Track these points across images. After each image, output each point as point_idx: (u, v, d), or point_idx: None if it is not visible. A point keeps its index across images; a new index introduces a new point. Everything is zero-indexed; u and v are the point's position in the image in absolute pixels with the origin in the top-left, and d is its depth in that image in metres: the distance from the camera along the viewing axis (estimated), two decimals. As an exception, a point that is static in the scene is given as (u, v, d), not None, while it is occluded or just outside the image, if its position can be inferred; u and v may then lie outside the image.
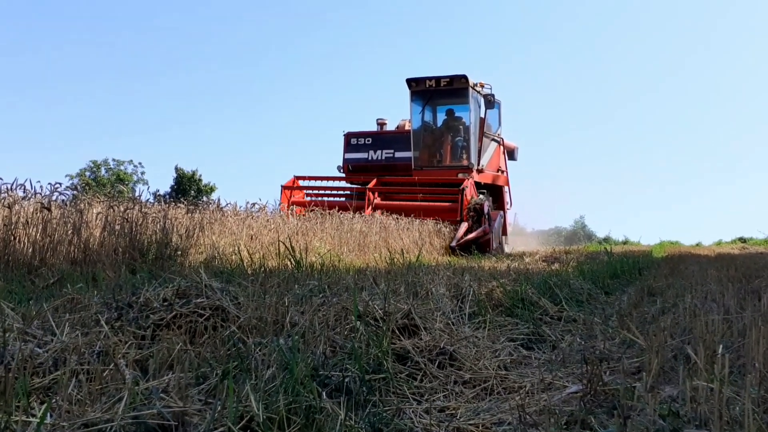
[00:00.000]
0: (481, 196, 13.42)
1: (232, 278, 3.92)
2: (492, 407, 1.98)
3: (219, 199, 8.21)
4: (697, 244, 30.05)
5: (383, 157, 15.47)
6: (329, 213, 9.74)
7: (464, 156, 14.53)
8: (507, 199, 16.80)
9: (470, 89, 14.19)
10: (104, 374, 1.87)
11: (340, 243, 8.83)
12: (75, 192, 5.92)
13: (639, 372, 2.29)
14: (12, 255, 4.91)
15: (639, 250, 15.79)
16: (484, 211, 12.61)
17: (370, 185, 13.48)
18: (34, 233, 5.19)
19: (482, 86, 14.52)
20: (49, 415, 1.56)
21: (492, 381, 2.18)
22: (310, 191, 14.77)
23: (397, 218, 11.00)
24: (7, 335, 2.07)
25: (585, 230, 45.78)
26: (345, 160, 15.89)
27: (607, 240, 35.99)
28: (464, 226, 12.14)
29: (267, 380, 1.90)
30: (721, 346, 2.00)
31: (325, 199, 14.08)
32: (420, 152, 14.85)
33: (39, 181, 5.74)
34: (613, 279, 5.91)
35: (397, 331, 2.53)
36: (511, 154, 18.05)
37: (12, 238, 4.99)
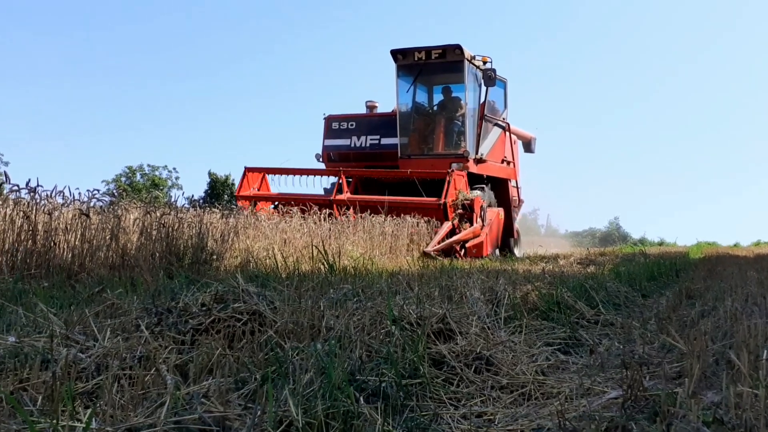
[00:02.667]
0: (476, 191, 11.30)
1: (267, 282, 3.96)
2: (530, 413, 1.96)
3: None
4: (735, 245, 29.52)
5: (367, 144, 13.36)
6: (309, 215, 8.66)
7: (460, 143, 12.30)
8: (515, 194, 14.49)
9: (466, 62, 11.97)
10: (146, 379, 1.90)
11: (372, 246, 8.84)
12: (113, 198, 6.02)
13: (680, 377, 2.26)
14: (52, 261, 5.01)
15: (675, 251, 15.56)
16: (476, 208, 10.62)
17: (335, 192, 11.23)
18: (73, 239, 5.29)
19: (485, 62, 12.29)
20: (93, 419, 1.59)
21: (529, 386, 2.17)
22: (278, 197, 12.16)
23: (363, 217, 9.30)
24: (51, 340, 2.12)
25: (620, 231, 45.25)
26: (324, 148, 13.84)
27: (642, 241, 35.53)
28: (447, 226, 10.08)
29: (305, 385, 1.92)
30: (765, 351, 1.96)
31: (300, 194, 11.79)
32: (409, 138, 12.73)
33: (78, 188, 5.86)
34: (650, 281, 5.83)
35: (432, 336, 2.53)
36: (527, 145, 16.36)
37: (52, 244, 5.09)
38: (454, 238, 10.02)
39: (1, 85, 64.75)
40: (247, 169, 12.01)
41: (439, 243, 9.62)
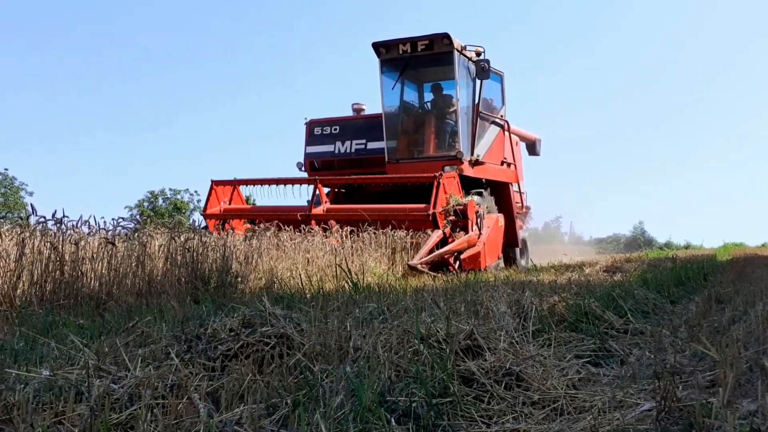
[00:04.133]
0: (473, 196, 10.17)
1: (292, 303, 3.97)
2: (563, 428, 1.95)
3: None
4: (763, 245, 29.07)
5: (353, 150, 12.30)
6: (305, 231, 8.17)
7: (453, 143, 11.11)
8: (517, 199, 13.21)
9: (456, 53, 10.81)
10: (178, 408, 1.91)
11: (395, 262, 8.82)
12: (137, 225, 6.09)
13: (713, 386, 2.23)
14: (80, 290, 5.07)
15: (702, 254, 15.34)
16: (470, 214, 9.31)
17: (311, 205, 10.11)
18: (100, 268, 5.36)
19: (479, 53, 11.08)
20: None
21: (561, 401, 2.15)
22: (248, 211, 11.28)
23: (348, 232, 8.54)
24: (83, 372, 2.14)
25: (645, 236, 44.80)
26: (306, 155, 12.76)
27: (668, 245, 35.17)
28: (435, 235, 8.79)
29: (336, 408, 1.92)
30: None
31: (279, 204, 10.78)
32: (398, 141, 11.60)
33: (102, 217, 5.94)
34: (678, 287, 5.76)
35: (460, 353, 2.52)
36: (531, 147, 15.34)
37: (80, 273, 5.16)
38: (445, 248, 8.78)
39: (20, 116, 65.92)
40: (214, 183, 10.89)
41: (426, 254, 8.40)
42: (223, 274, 6.12)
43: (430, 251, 8.51)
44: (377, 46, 11.27)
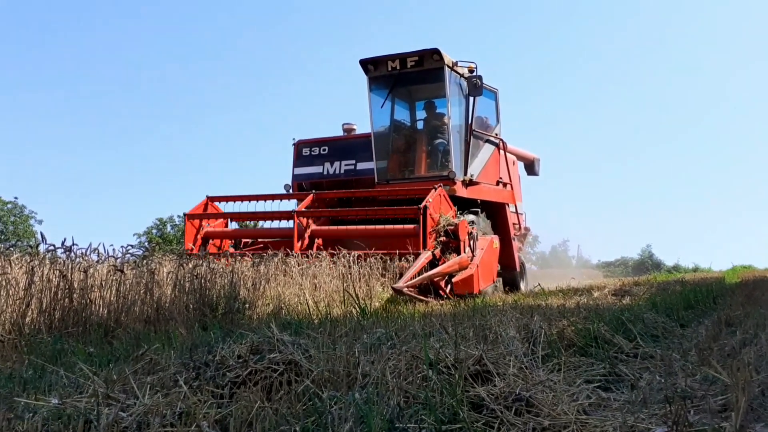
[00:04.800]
0: (468, 215, 9.89)
1: (300, 329, 3.97)
2: (574, 454, 1.93)
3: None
4: (772, 267, 28.85)
5: (342, 171, 12.03)
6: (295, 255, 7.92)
7: (445, 163, 10.73)
8: (515, 220, 12.77)
9: (447, 69, 10.44)
10: (187, 436, 1.91)
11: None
12: (146, 253, 6.11)
13: (725, 410, 2.21)
14: (89, 318, 5.08)
15: (711, 276, 15.26)
16: (461, 234, 8.87)
17: (300, 207, 9.93)
18: (108, 295, 5.37)
19: (471, 70, 10.70)
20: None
21: (572, 426, 2.14)
22: (239, 233, 10.97)
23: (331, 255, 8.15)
24: (93, 400, 2.14)
25: (653, 259, 44.59)
26: (294, 177, 12.50)
27: (676, 268, 34.99)
28: (424, 257, 8.27)
29: (345, 435, 1.92)
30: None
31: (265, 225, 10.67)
32: (388, 161, 11.26)
33: (111, 244, 5.97)
34: (687, 310, 5.72)
35: (469, 378, 2.51)
36: (530, 167, 15.04)
37: (88, 301, 5.17)
38: (433, 271, 8.20)
39: (29, 145, 66.59)
40: (209, 198, 10.73)
41: (413, 277, 7.80)
42: (230, 301, 6.12)
43: (418, 273, 7.96)
44: (365, 63, 10.96)
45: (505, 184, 12.31)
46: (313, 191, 10.39)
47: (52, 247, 5.42)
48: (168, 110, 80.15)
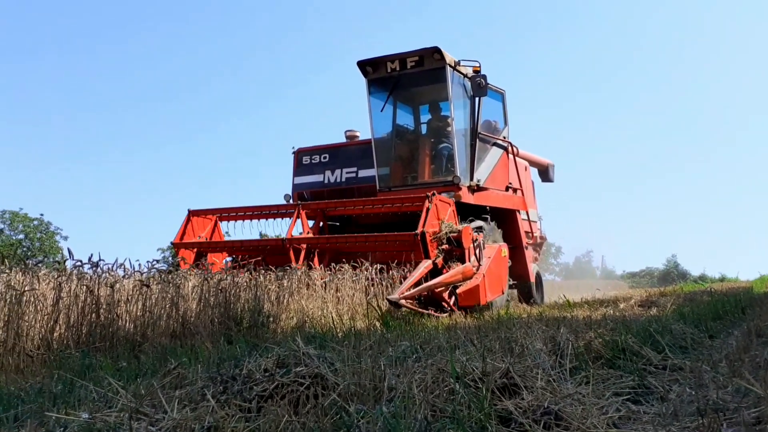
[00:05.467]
0: (476, 222, 9.38)
1: (324, 343, 3.97)
2: (605, 468, 1.91)
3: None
4: (801, 276, 28.36)
5: (343, 179, 11.46)
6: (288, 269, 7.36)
7: (450, 168, 10.13)
8: (527, 228, 12.14)
9: (449, 69, 9.86)
10: (216, 450, 1.91)
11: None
12: (171, 268, 6.16)
13: (759, 423, 2.17)
14: (116, 333, 5.12)
15: (738, 286, 15.04)
16: (465, 241, 8.20)
17: (289, 231, 8.98)
18: (134, 310, 5.42)
19: (477, 71, 10.04)
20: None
21: (602, 440, 2.11)
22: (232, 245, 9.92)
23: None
24: (122, 415, 2.16)
25: (678, 269, 44.05)
26: (294, 187, 11.93)
27: (702, 278, 34.48)
28: (424, 266, 7.64)
29: (373, 449, 1.91)
30: None
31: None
32: (391, 168, 10.71)
33: (138, 260, 6.03)
34: (716, 321, 5.64)
35: (497, 392, 2.49)
36: (544, 173, 14.58)
37: (115, 316, 5.22)
38: (434, 281, 7.58)
39: (53, 162, 67.67)
40: (192, 213, 9.80)
41: (411, 287, 7.20)
42: (255, 314, 6.15)
43: (417, 284, 7.37)
44: (363, 65, 10.41)
45: (515, 190, 11.72)
46: (299, 203, 9.58)
47: (79, 263, 5.49)
48: (191, 124, 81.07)
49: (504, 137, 11.54)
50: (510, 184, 11.50)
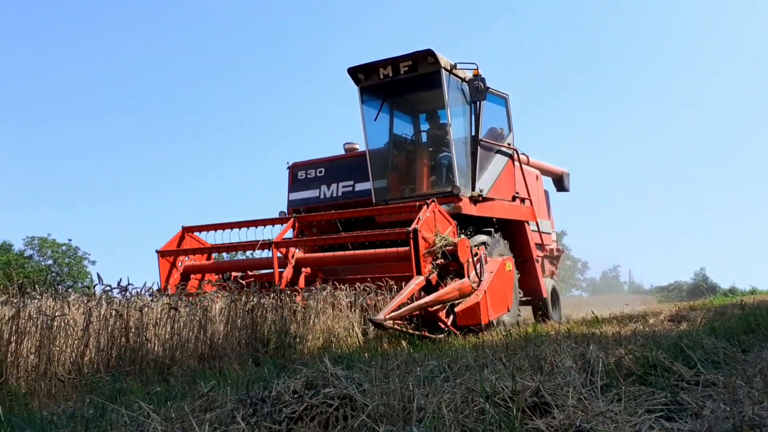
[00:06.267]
0: (479, 236, 8.93)
1: (352, 363, 3.97)
2: (641, 488, 1.88)
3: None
4: (834, 287, 27.78)
5: (339, 193, 10.90)
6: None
7: (450, 177, 9.55)
8: (537, 240, 11.49)
9: (444, 73, 9.33)
10: (248, 473, 1.92)
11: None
12: (200, 291, 6.21)
13: (797, 439, 2.13)
14: (145, 356, 5.17)
15: (771, 298, 14.75)
16: (461, 255, 7.45)
17: (278, 237, 8.37)
18: (163, 333, 5.46)
19: (477, 75, 9.41)
20: None
21: (636, 458, 2.08)
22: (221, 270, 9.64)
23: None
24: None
25: (707, 282, 43.36)
26: (290, 203, 11.39)
27: (732, 291, 33.90)
28: (415, 282, 6.99)
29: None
30: None
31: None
32: (388, 180, 10.17)
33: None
34: (748, 334, 5.53)
35: (527, 411, 2.47)
36: (559, 182, 14.08)
37: (144, 339, 5.27)
38: (425, 299, 6.83)
39: (81, 188, 68.81)
40: (185, 229, 9.40)
41: (398, 307, 6.51)
42: (282, 336, 6.16)
43: (405, 302, 6.68)
44: (354, 72, 9.85)
45: (523, 200, 11.06)
46: (294, 215, 9.12)
47: (108, 287, 5.56)
48: (211, 154, 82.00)
49: (509, 144, 10.96)
50: (517, 193, 10.95)
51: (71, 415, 3.18)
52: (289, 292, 6.91)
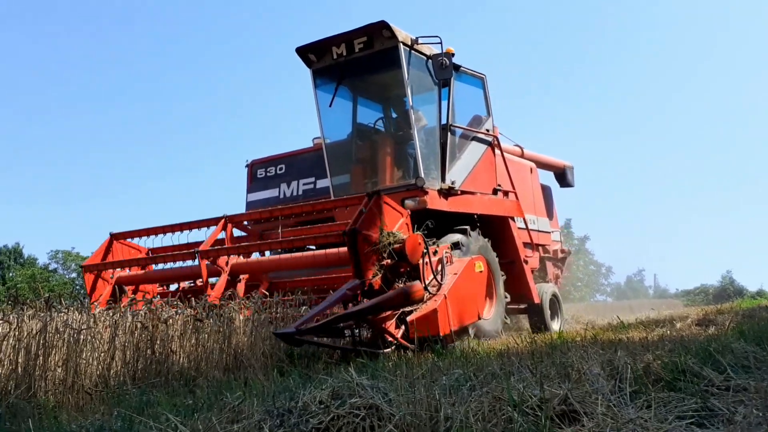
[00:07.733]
0: (452, 235, 7.79)
1: (376, 372, 3.96)
2: (674, 497, 1.85)
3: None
4: None
5: (300, 191, 9.80)
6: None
7: (413, 169, 8.26)
8: (526, 238, 10.27)
9: (402, 48, 8.07)
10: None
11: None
12: (223, 302, 6.22)
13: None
14: (171, 368, 5.20)
15: (801, 301, 14.52)
16: (410, 253, 5.98)
17: (206, 242, 7.39)
18: (188, 345, 5.49)
19: (450, 53, 8.12)
20: None
21: (669, 466, 2.05)
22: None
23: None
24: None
25: (734, 286, 42.75)
26: (248, 205, 10.39)
27: (760, 293, 33.42)
28: (346, 287, 5.77)
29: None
30: None
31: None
32: (351, 174, 9.02)
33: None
34: (778, 338, 5.45)
35: (556, 419, 2.45)
36: (561, 176, 13.08)
37: (170, 351, 5.30)
38: (356, 308, 5.56)
39: (102, 200, 69.64)
40: (113, 236, 8.16)
41: (317, 319, 5.40)
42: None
43: (331, 311, 5.61)
44: (304, 52, 8.61)
45: (506, 193, 9.79)
46: (224, 216, 7.80)
47: (133, 299, 5.61)
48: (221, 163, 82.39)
49: (487, 130, 9.62)
50: (499, 185, 9.60)
51: (99, 428, 3.20)
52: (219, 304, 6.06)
